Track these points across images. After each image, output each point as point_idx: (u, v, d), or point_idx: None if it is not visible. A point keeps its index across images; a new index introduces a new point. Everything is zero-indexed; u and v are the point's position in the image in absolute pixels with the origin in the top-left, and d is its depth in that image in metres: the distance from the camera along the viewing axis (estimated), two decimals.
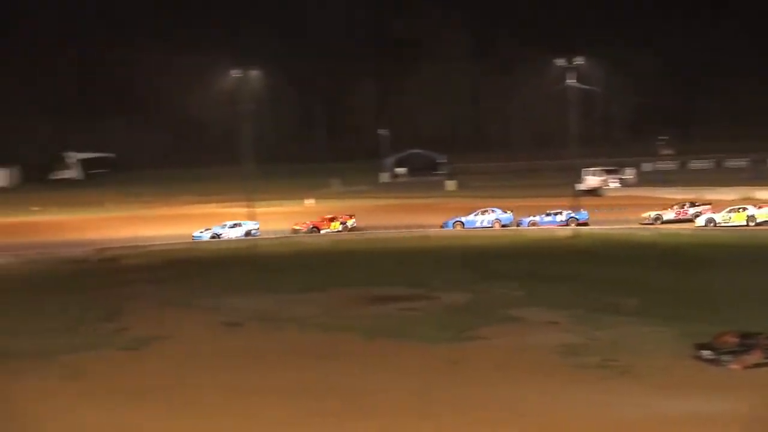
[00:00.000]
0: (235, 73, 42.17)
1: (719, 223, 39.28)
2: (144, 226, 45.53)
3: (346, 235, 42.54)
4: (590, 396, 15.26)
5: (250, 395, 16.18)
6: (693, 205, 42.48)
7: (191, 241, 42.01)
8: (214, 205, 57.78)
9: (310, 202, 57.98)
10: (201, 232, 42.03)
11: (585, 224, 42.12)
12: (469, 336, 20.58)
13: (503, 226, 42.76)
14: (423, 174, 75.09)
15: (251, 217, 43.41)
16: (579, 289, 25.98)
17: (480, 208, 44.04)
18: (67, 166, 75.61)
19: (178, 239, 42.56)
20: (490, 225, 42.77)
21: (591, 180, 57.12)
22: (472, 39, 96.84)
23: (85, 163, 76.51)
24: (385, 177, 76.56)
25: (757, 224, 38.54)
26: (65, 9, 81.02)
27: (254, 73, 42.70)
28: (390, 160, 78.83)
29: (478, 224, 42.65)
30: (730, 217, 39.27)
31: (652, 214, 42.39)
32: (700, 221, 40.04)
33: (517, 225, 43.07)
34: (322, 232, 41.97)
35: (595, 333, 20.21)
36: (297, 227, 42.43)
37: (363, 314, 24.23)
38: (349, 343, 20.53)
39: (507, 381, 16.45)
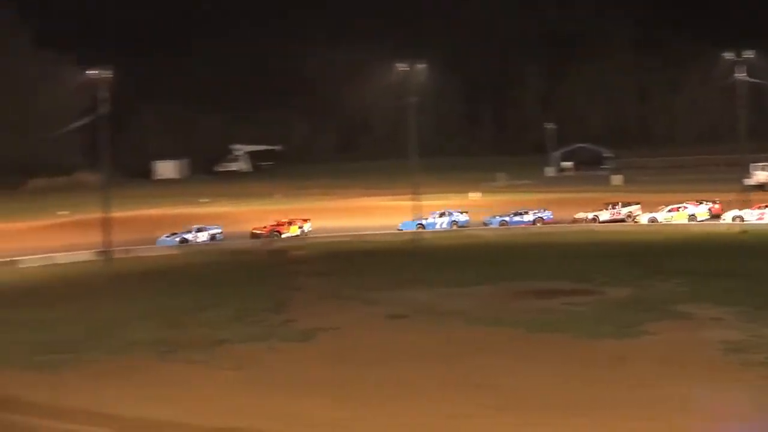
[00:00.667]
0: (401, 67, 41.96)
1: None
2: (311, 219, 46.82)
3: (513, 230, 43.01)
4: (753, 394, 15.05)
5: (414, 387, 16.57)
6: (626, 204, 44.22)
7: (357, 233, 43.33)
8: (380, 197, 59.09)
9: (475, 196, 57.96)
10: (167, 237, 42.34)
11: (552, 223, 43.69)
12: (634, 331, 20.47)
13: (460, 227, 43.31)
14: (589, 168, 74.52)
15: (417, 209, 43.35)
16: (745, 286, 25.41)
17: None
18: (235, 159, 78.29)
19: (343, 231, 44.22)
20: (448, 227, 43.37)
21: (760, 175, 56.95)
22: (638, 33, 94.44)
23: (253, 156, 78.93)
24: (550, 171, 76.71)
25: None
26: (236, 5, 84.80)
27: (420, 67, 42.36)
28: (556, 154, 78.62)
29: (437, 226, 43.26)
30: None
31: (590, 214, 43.99)
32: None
33: (484, 224, 43.99)
34: (283, 235, 41.62)
35: (762, 330, 19.72)
36: (257, 231, 42.10)
37: (527, 308, 24.40)
38: (513, 337, 20.74)
39: (671, 377, 16.30)
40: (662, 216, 42.83)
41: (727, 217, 41.94)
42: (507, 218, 44.39)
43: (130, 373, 18.95)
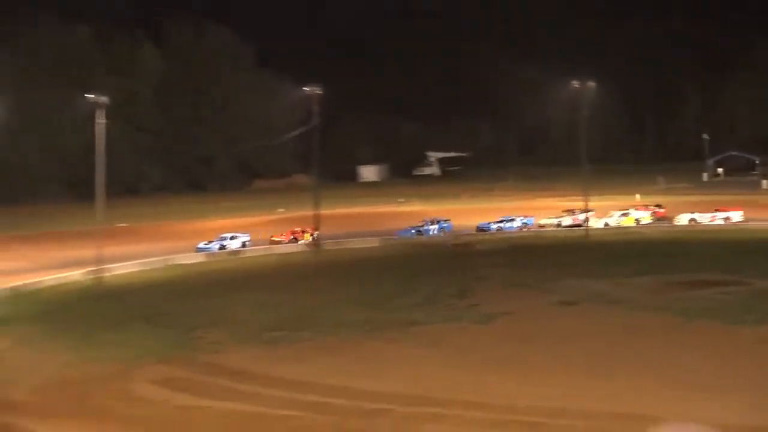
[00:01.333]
0: (574, 83, 46.93)
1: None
2: (495, 216, 50.99)
3: (667, 228, 47.62)
4: None
5: (582, 365, 19.05)
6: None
7: (533, 229, 48.84)
8: (554, 198, 64.08)
9: (638, 198, 61.95)
10: (206, 244, 44.27)
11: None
12: None
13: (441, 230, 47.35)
14: (741, 174, 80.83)
15: (586, 209, 47.68)
16: None
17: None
18: (428, 164, 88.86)
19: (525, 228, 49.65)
20: (438, 233, 47.22)
21: None
22: None
23: (443, 161, 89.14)
24: (705, 176, 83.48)
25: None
26: (434, 27, 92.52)
27: (590, 85, 47.39)
28: (710, 161, 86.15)
29: (431, 232, 47.13)
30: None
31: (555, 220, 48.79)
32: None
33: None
34: (299, 242, 44.78)
35: None
36: (276, 238, 45.41)
37: (682, 297, 26.64)
38: (671, 323, 23.12)
39: None
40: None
41: None
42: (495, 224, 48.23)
43: (338, 350, 22.01)
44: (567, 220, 48.11)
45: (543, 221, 49.13)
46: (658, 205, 51.36)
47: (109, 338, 24.93)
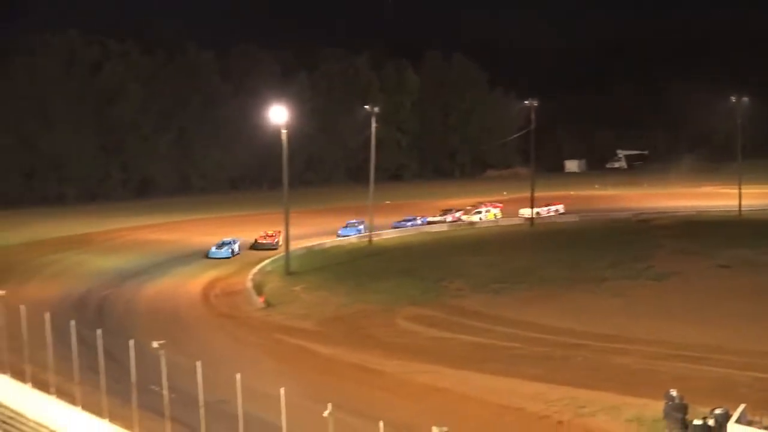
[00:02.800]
0: (733, 98, 55.15)
1: None
2: (674, 200, 60.73)
3: None
4: None
5: (737, 314, 24.78)
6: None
7: (700, 210, 54.97)
8: (716, 187, 68.31)
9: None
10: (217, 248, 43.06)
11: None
12: None
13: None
14: None
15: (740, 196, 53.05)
16: None
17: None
18: (617, 159, 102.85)
19: (691, 209, 55.68)
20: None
21: None
22: None
23: (629, 158, 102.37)
24: None
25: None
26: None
27: (744, 100, 55.37)
28: None
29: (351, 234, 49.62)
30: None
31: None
32: None
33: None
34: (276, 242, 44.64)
35: None
36: (261, 241, 45.06)
37: None
38: None
39: None
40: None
41: None
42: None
43: (546, 298, 29.55)
44: (449, 218, 54.43)
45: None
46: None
47: (375, 286, 33.06)
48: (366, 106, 50.04)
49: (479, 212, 55.22)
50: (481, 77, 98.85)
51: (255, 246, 44.65)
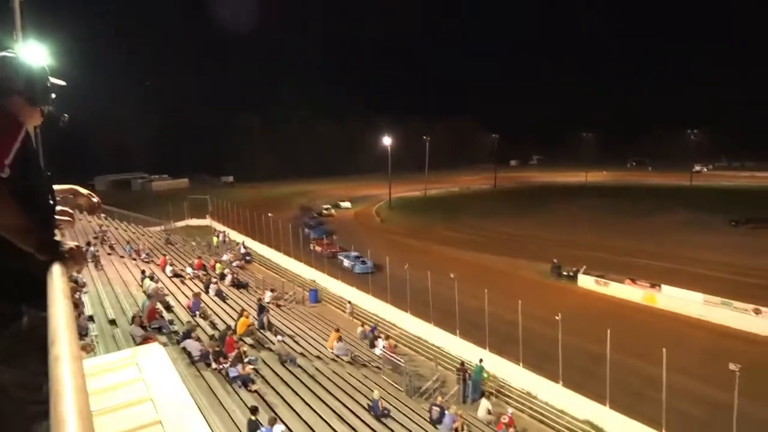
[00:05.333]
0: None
1: None
2: None
3: None
4: None
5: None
6: None
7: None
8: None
9: None
10: None
11: None
12: None
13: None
14: None
15: None
16: None
17: None
18: None
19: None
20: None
21: None
22: None
23: None
24: None
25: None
26: None
27: None
28: None
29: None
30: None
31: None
32: None
33: None
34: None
35: None
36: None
37: None
38: None
39: None
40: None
41: None
42: None
43: (499, 220, 63.18)
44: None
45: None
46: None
47: (427, 215, 70.34)
48: None
49: None
50: None
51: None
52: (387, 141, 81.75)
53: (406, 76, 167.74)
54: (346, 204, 79.34)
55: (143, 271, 29.15)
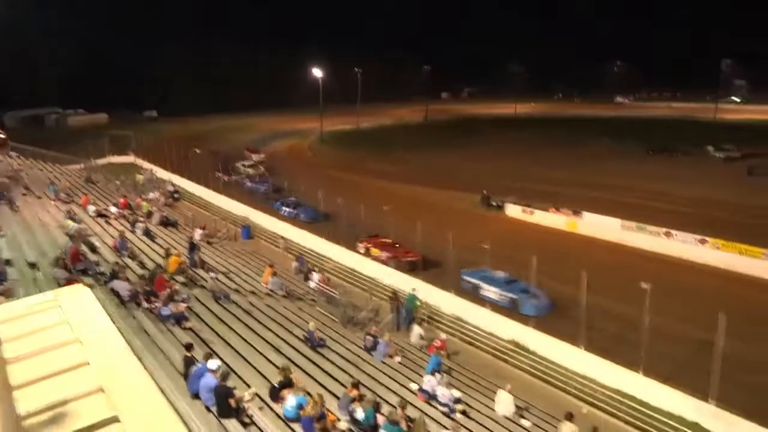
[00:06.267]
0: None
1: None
2: None
3: None
4: None
5: None
6: None
7: None
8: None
9: None
10: None
11: None
12: None
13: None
14: None
15: None
16: None
17: None
18: None
19: None
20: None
21: None
22: None
23: None
24: None
25: None
26: None
27: None
28: None
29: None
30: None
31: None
32: None
33: None
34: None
35: None
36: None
37: None
38: None
39: None
40: None
41: None
42: None
43: (427, 152, 63.92)
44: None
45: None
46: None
47: (358, 148, 70.49)
48: None
49: None
50: None
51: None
52: (318, 73, 79.62)
53: (338, 7, 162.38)
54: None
55: (68, 212, 27.90)
